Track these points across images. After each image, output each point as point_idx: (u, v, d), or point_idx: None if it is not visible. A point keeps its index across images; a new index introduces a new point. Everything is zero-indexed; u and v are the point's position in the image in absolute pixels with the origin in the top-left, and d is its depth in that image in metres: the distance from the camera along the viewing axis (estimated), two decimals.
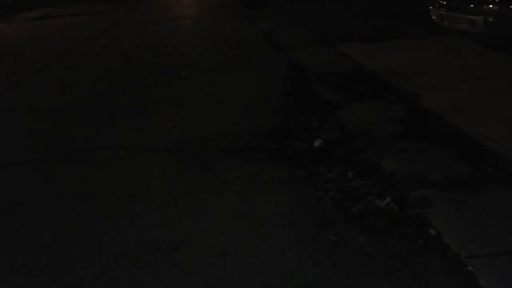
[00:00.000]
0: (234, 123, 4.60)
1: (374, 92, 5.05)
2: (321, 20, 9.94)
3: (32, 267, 2.67)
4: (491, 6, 5.58)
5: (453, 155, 3.43)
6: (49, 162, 4.11)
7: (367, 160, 3.54)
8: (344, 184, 3.25)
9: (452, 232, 2.57)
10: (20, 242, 2.94)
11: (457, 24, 6.23)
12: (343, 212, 2.92)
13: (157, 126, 4.75)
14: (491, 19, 5.55)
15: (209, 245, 2.70)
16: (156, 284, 2.43)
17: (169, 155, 4.08)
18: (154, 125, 4.80)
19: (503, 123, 3.87)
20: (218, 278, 2.42)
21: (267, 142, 4.07)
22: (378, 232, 2.69)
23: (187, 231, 2.87)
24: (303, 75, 6.06)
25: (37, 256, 2.76)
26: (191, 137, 4.39)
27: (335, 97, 4.96)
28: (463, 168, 3.22)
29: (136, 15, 14.62)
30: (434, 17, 6.86)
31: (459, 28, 6.26)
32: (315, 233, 2.74)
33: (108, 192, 3.47)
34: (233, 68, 6.88)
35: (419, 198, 2.91)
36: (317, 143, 3.94)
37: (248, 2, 13.51)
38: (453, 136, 3.78)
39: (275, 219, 2.92)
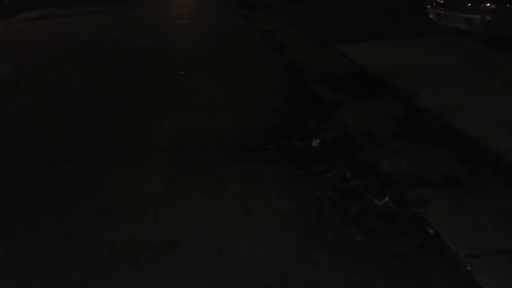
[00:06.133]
0: (233, 123, 4.60)
1: (372, 91, 5.05)
2: (320, 20, 9.94)
3: (32, 267, 2.67)
4: (488, 4, 5.58)
5: (452, 155, 3.44)
6: (48, 162, 4.11)
7: (365, 160, 3.54)
8: (343, 184, 3.25)
9: (450, 232, 2.57)
10: (19, 242, 2.94)
11: (454, 23, 6.22)
12: (342, 212, 2.92)
13: (155, 126, 4.75)
14: (488, 18, 5.54)
15: (208, 245, 2.70)
16: (155, 284, 2.43)
17: (168, 155, 4.08)
18: (152, 125, 4.80)
19: (502, 123, 3.87)
20: (217, 278, 2.43)
21: (266, 142, 4.07)
22: (377, 231, 2.70)
23: (186, 231, 2.87)
24: (301, 75, 6.07)
25: (36, 256, 2.76)
26: (189, 137, 4.39)
27: (334, 97, 4.97)
28: (461, 168, 3.23)
29: (135, 15, 14.62)
30: (431, 16, 6.85)
31: (456, 27, 6.25)
32: (314, 233, 2.75)
33: (107, 192, 3.47)
34: (232, 68, 6.88)
35: (417, 197, 2.91)
36: (315, 143, 3.95)
37: (247, 2, 13.51)
38: (452, 135, 3.79)
39: (274, 219, 2.92)
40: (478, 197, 2.87)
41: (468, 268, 2.30)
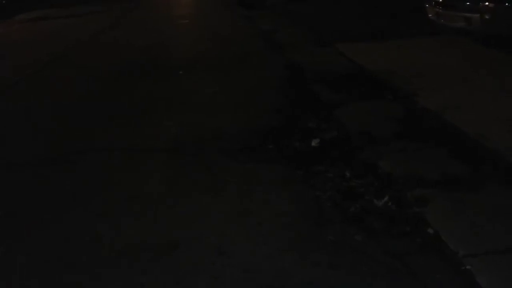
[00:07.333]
0: (233, 123, 4.60)
1: (372, 91, 5.05)
2: (320, 20, 9.93)
3: (32, 267, 2.68)
4: (487, 3, 5.58)
5: (452, 154, 3.44)
6: (47, 163, 4.11)
7: (365, 160, 3.54)
8: (342, 183, 3.26)
9: (450, 231, 2.58)
10: (19, 243, 2.95)
11: (453, 22, 6.21)
12: (341, 212, 2.93)
13: (155, 126, 4.75)
14: (487, 17, 5.54)
15: (208, 245, 2.71)
16: (155, 284, 2.44)
17: (168, 155, 4.08)
18: (152, 125, 4.80)
19: (501, 121, 3.88)
20: (217, 278, 2.43)
21: (266, 142, 4.07)
22: (376, 231, 2.70)
23: (186, 231, 2.87)
24: (301, 75, 6.06)
25: (36, 257, 2.77)
26: (189, 137, 4.39)
27: (334, 97, 4.97)
28: (461, 167, 3.23)
29: (134, 15, 14.60)
30: (430, 15, 6.84)
31: (455, 26, 6.25)
32: (313, 233, 2.75)
33: (106, 193, 3.47)
34: (232, 68, 6.88)
35: (417, 197, 2.91)
36: (315, 143, 3.95)
37: (247, 2, 13.50)
38: (452, 135, 3.79)
39: (274, 219, 2.92)
40: (478, 196, 2.87)
41: (468, 267, 2.30)
